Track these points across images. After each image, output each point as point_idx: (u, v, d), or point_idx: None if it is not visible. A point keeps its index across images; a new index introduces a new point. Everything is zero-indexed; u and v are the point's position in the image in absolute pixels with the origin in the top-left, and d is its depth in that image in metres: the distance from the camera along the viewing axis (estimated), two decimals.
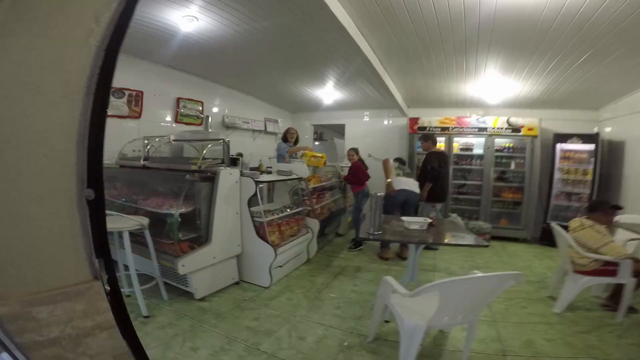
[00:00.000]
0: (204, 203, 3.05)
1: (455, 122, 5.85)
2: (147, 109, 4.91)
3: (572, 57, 3.60)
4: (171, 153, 3.70)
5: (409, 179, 4.66)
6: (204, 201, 3.04)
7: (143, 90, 4.82)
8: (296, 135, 5.35)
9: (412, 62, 4.21)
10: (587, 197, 5.37)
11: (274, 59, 4.52)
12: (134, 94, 4.74)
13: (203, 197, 3.02)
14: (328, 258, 4.52)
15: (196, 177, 2.86)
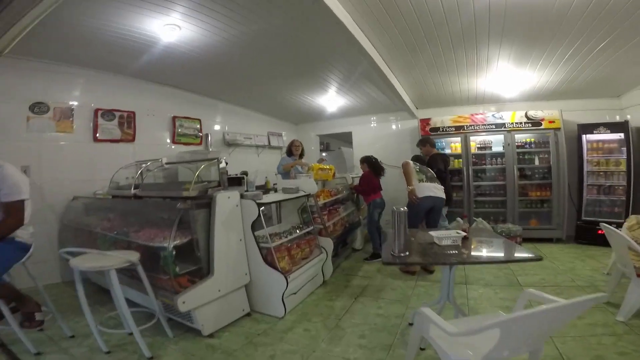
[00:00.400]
0: (201, 232, 2.71)
1: (469, 119, 5.45)
2: (141, 131, 4.67)
3: (592, 43, 3.25)
4: (165, 178, 3.39)
5: (433, 184, 4.07)
6: (201, 230, 2.70)
7: (135, 111, 4.59)
8: (301, 148, 5.01)
9: (417, 57, 3.86)
10: (623, 189, 4.88)
11: (271, 67, 4.24)
12: (125, 115, 4.51)
13: (200, 226, 2.67)
14: (346, 277, 4.11)
15: (189, 204, 2.52)
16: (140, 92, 4.67)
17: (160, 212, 2.84)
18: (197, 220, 2.64)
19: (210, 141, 5.47)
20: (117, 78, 4.41)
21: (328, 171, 4.22)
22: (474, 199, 5.56)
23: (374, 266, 4.48)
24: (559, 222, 5.27)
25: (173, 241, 2.60)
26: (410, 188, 3.97)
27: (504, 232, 4.95)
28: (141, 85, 4.68)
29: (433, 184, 4.05)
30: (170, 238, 2.57)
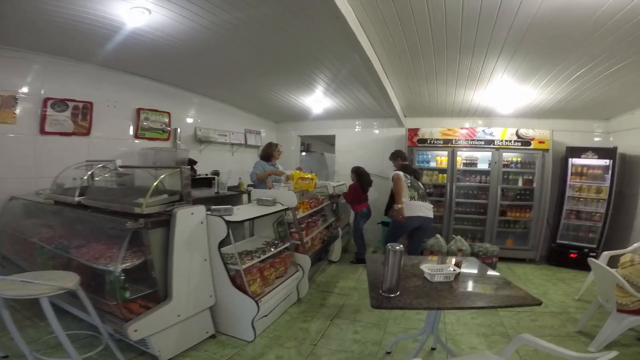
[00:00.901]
0: (157, 252, 2.28)
1: (459, 133, 5.26)
2: (98, 124, 4.12)
3: (609, 63, 3.06)
4: (120, 183, 2.88)
5: (424, 203, 3.84)
6: (157, 250, 2.27)
7: (93, 101, 4.04)
8: (279, 153, 4.54)
9: (419, 64, 3.58)
10: (600, 215, 4.89)
11: (253, 61, 3.81)
12: (80, 106, 3.95)
13: (156, 246, 2.25)
14: (321, 294, 3.83)
15: (142, 223, 2.09)
16: (100, 81, 4.13)
17: (109, 226, 2.37)
18: (153, 241, 2.21)
19: (179, 137, 4.95)
20: (75, 65, 3.87)
21: (310, 181, 3.84)
22: (455, 215, 5.40)
23: (350, 282, 4.24)
24: (535, 243, 5.24)
25: (122, 264, 2.16)
26: (398, 207, 3.68)
27: (481, 252, 4.88)
28: (103, 73, 4.13)
29: (424, 203, 3.83)
30: (117, 260, 2.13)
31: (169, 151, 4.53)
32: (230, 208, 2.61)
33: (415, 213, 3.71)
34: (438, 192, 5.53)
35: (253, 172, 4.25)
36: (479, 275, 2.47)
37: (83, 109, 3.97)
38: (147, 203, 2.10)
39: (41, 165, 3.64)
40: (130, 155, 4.49)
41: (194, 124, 5.36)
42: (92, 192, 2.61)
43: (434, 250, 4.94)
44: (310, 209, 3.95)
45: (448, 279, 2.21)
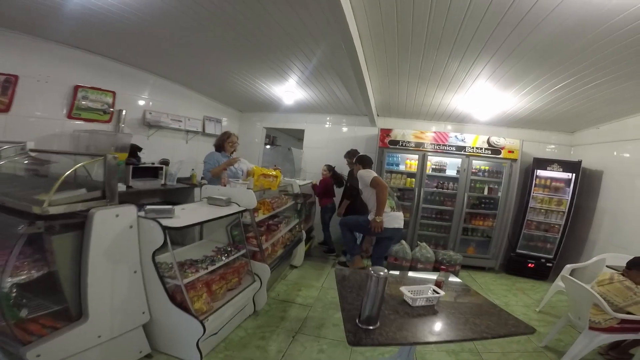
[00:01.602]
0: (66, 263, 1.76)
1: (431, 138, 5.09)
2: (23, 100, 3.46)
3: (599, 74, 2.96)
4: (30, 171, 2.25)
5: (400, 213, 3.70)
6: (66, 260, 1.75)
7: (18, 75, 3.36)
8: (237, 145, 3.84)
9: (405, 61, 3.29)
10: (559, 227, 4.98)
11: (219, 40, 3.30)
12: (2, 79, 3.27)
13: (64, 255, 1.73)
14: (282, 306, 3.44)
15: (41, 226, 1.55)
16: (31, 53, 3.45)
17: (3, 226, 1.79)
18: (59, 249, 1.69)
19: (123, 119, 4.27)
20: None
21: (273, 179, 3.40)
22: (420, 221, 5.25)
23: (313, 291, 3.91)
24: (496, 252, 5.25)
25: (14, 276, 1.62)
26: (380, 219, 3.43)
27: (445, 260, 4.78)
28: (35, 44, 3.46)
29: (400, 214, 3.68)
30: (6, 272, 1.58)
31: (107, 134, 3.86)
32: (170, 209, 2.12)
33: (392, 225, 3.53)
34: (405, 196, 5.34)
35: (206, 168, 3.58)
36: (460, 295, 2.22)
37: (4, 82, 3.29)
38: (51, 200, 1.56)
39: None
40: (60, 137, 3.79)
41: (144, 107, 4.69)
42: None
43: (398, 257, 4.75)
44: (272, 210, 3.51)
45: (430, 302, 1.95)
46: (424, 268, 4.72)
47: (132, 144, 4.12)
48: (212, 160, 3.62)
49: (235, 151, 3.86)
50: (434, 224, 5.34)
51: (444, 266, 3.75)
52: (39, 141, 3.52)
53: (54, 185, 1.57)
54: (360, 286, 2.09)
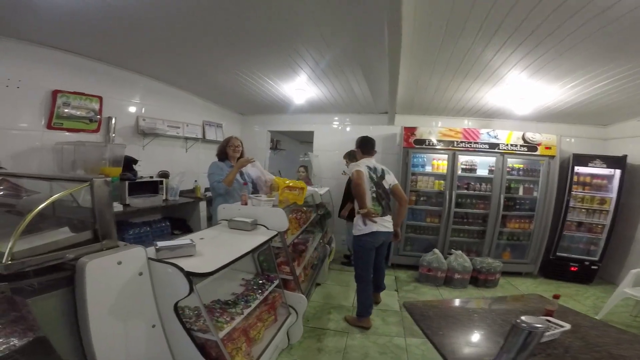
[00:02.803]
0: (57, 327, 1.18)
1: (461, 135, 4.60)
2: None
3: None
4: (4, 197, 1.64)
5: (386, 217, 3.18)
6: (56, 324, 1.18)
7: None
8: (241, 150, 3.33)
9: (447, 49, 2.80)
10: (602, 227, 4.55)
11: (221, 27, 2.73)
12: None
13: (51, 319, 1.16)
14: (315, 334, 2.94)
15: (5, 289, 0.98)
16: None
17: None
18: (42, 313, 1.12)
19: (113, 128, 3.67)
20: None
21: (299, 192, 2.85)
22: (452, 227, 4.75)
23: (344, 314, 3.39)
24: (534, 256, 4.80)
25: None
26: (363, 211, 2.98)
27: (484, 268, 4.30)
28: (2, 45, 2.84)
29: (386, 217, 3.17)
30: None
31: (96, 146, 3.26)
32: (188, 245, 1.54)
33: (378, 229, 3.05)
34: (433, 200, 4.84)
35: (215, 180, 3.07)
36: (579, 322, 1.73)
37: None
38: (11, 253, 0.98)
39: None
40: (39, 151, 3.17)
41: (136, 113, 4.09)
42: None
43: (432, 267, 4.26)
44: (300, 227, 2.95)
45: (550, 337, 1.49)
46: (461, 279, 4.24)
47: (126, 156, 3.54)
48: (218, 170, 3.13)
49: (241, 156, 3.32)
50: (466, 229, 4.85)
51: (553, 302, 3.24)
52: (13, 158, 2.95)
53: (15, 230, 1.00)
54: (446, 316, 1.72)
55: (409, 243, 4.95)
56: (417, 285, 4.29)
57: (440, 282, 4.27)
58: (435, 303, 2.11)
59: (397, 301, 3.76)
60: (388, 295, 3.89)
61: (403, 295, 3.94)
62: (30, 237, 1.15)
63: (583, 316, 1.91)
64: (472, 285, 4.31)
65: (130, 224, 3.69)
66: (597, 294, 4.29)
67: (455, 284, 4.23)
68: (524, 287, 4.48)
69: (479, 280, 4.30)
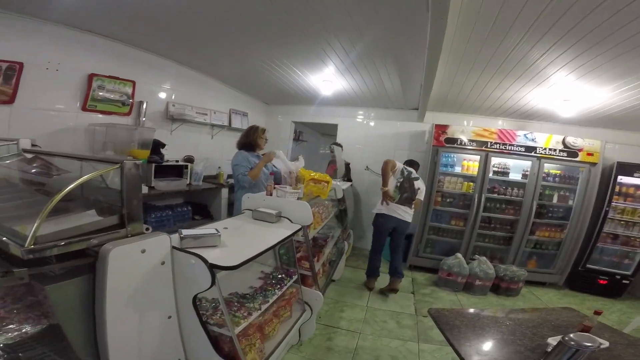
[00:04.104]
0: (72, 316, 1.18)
1: (496, 135, 4.38)
2: (28, 89, 2.91)
3: None
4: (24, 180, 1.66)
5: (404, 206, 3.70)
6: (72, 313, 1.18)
7: (23, 62, 2.83)
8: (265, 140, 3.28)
9: (492, 46, 2.64)
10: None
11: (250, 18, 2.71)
12: (3, 67, 2.75)
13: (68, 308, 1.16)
14: (325, 332, 2.90)
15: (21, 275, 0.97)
16: (38, 38, 2.92)
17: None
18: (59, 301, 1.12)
19: (144, 112, 3.73)
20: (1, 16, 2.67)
21: (324, 185, 2.79)
22: (477, 231, 4.56)
23: (358, 312, 3.36)
24: (562, 267, 4.55)
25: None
26: (384, 189, 3.61)
27: (507, 276, 4.12)
28: (42, 28, 2.92)
29: (402, 206, 3.68)
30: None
31: (126, 129, 3.32)
32: (213, 235, 1.52)
33: (389, 212, 3.64)
34: (460, 203, 4.65)
35: (240, 172, 3.00)
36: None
37: (7, 70, 2.76)
38: (35, 237, 0.97)
39: None
40: (73, 131, 3.27)
41: (166, 99, 4.14)
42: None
43: (452, 272, 4.11)
44: (322, 222, 2.90)
45: None
46: (482, 285, 4.08)
47: (155, 140, 3.59)
48: (244, 161, 3.04)
49: None
50: (492, 235, 4.64)
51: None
52: (48, 137, 3.04)
53: (42, 212, 0.99)
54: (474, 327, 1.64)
55: (429, 245, 4.80)
56: (435, 289, 4.16)
57: (460, 288, 4.13)
58: (462, 312, 2.01)
59: (412, 304, 3.67)
60: (404, 298, 3.80)
61: (419, 299, 3.83)
62: (57, 219, 1.14)
63: (619, 333, 1.78)
64: (492, 292, 4.16)
65: (153, 207, 3.76)
66: (624, 309, 4.07)
67: (475, 290, 4.08)
68: (547, 298, 4.28)
69: (500, 288, 4.15)
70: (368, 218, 5.27)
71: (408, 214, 3.72)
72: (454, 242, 4.68)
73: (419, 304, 3.68)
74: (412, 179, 3.73)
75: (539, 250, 4.66)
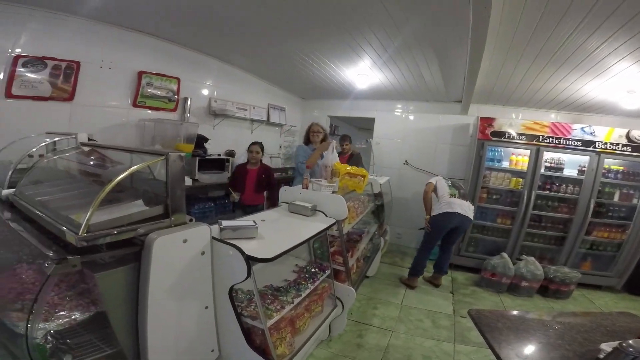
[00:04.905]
0: (119, 303, 1.27)
1: (549, 129, 4.05)
2: (85, 87, 3.14)
3: None
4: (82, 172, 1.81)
5: (466, 202, 3.68)
6: (118, 300, 1.26)
7: (80, 61, 3.06)
8: (323, 135, 3.72)
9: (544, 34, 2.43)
10: None
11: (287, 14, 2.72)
12: (63, 66, 2.98)
13: (115, 295, 1.24)
14: (356, 328, 2.86)
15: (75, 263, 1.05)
16: (92, 38, 3.14)
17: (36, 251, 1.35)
18: (108, 289, 1.20)
19: (189, 108, 3.91)
20: (60, 18, 2.90)
21: (360, 179, 2.75)
22: (525, 230, 4.26)
23: (392, 310, 3.29)
24: (621, 269, 4.14)
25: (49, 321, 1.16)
26: (427, 218, 3.71)
27: (558, 277, 3.84)
28: (96, 28, 3.14)
29: (465, 202, 3.65)
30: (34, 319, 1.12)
31: (173, 124, 3.51)
32: (251, 226, 1.56)
33: (454, 209, 3.54)
34: (507, 200, 4.37)
35: (298, 160, 3.62)
36: None
37: (66, 69, 3.00)
38: (87, 225, 1.05)
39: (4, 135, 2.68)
40: (125, 126, 3.51)
41: (209, 95, 4.31)
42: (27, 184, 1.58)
43: (497, 272, 3.89)
44: (357, 217, 2.87)
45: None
46: (528, 287, 3.84)
47: (198, 134, 3.76)
48: (302, 152, 3.66)
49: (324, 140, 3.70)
50: (542, 234, 4.32)
51: None
52: (104, 131, 3.28)
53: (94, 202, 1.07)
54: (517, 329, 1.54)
55: (472, 244, 4.58)
56: (476, 290, 3.97)
57: (504, 289, 3.91)
58: (505, 313, 1.89)
59: (450, 304, 3.53)
60: (442, 298, 3.67)
61: (459, 299, 3.68)
62: (109, 208, 1.23)
63: None
64: (539, 294, 3.91)
65: (196, 198, 3.95)
66: None
67: (521, 292, 3.85)
68: (602, 302, 3.94)
69: (549, 290, 3.88)
70: (407, 214, 5.15)
71: (471, 210, 3.66)
72: (499, 241, 4.43)
73: (458, 304, 3.54)
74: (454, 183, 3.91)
75: (595, 251, 4.28)
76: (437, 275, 3.88)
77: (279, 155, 5.66)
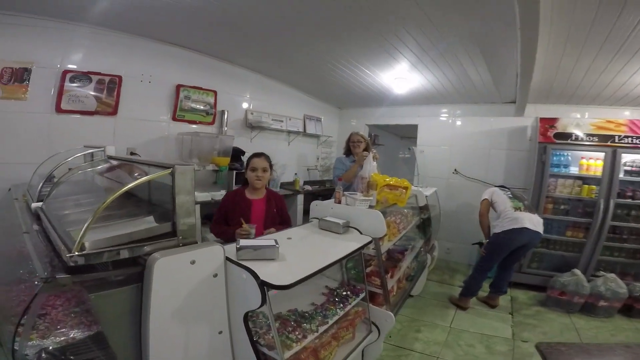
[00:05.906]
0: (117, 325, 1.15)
1: (626, 127, 3.45)
2: (127, 101, 3.29)
3: None
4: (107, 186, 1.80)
5: (534, 215, 3.26)
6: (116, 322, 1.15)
7: (121, 75, 3.20)
8: (365, 145, 3.40)
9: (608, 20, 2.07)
10: None
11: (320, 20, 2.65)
12: (107, 80, 3.14)
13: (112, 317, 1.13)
14: (395, 354, 2.55)
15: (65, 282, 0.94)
16: (132, 52, 3.29)
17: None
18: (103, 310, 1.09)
19: (226, 121, 3.94)
20: (101, 33, 3.07)
21: (402, 192, 2.49)
22: (603, 243, 3.63)
23: (439, 333, 2.92)
24: None
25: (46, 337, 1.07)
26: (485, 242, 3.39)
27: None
28: (135, 42, 3.29)
29: (533, 215, 3.23)
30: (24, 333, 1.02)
31: (208, 137, 3.53)
32: (271, 247, 1.39)
33: (523, 224, 3.10)
34: (579, 210, 3.78)
35: (335, 175, 3.44)
36: None
37: (109, 83, 3.16)
38: (81, 244, 0.96)
39: (54, 149, 2.86)
40: (166, 140, 3.62)
41: (245, 107, 4.33)
42: (56, 197, 1.58)
43: (567, 290, 3.37)
44: (399, 233, 2.59)
45: None
46: (607, 307, 3.28)
47: (235, 147, 3.76)
48: (339, 164, 3.50)
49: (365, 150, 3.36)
50: (622, 247, 3.67)
51: None
52: (146, 145, 3.39)
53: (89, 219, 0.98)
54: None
55: (536, 259, 4.01)
56: (541, 310, 3.45)
57: (575, 309, 3.38)
58: (588, 348, 1.50)
59: (509, 327, 3.08)
60: (499, 319, 3.22)
61: (520, 320, 3.21)
62: (117, 224, 1.14)
63: None
64: (620, 314, 3.34)
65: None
66: None
67: (598, 312, 3.31)
68: None
69: (633, 309, 3.31)
70: (457, 227, 4.70)
71: (540, 224, 3.22)
72: (568, 256, 3.85)
73: (519, 327, 3.08)
74: None
75: None
76: (494, 295, 3.46)
77: (316, 167, 5.53)
